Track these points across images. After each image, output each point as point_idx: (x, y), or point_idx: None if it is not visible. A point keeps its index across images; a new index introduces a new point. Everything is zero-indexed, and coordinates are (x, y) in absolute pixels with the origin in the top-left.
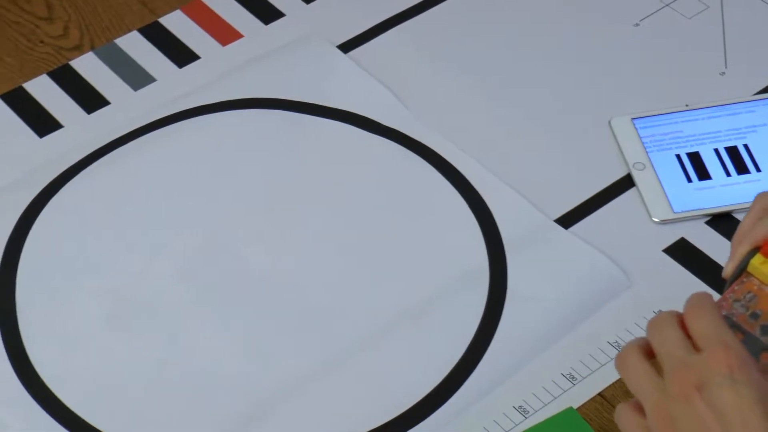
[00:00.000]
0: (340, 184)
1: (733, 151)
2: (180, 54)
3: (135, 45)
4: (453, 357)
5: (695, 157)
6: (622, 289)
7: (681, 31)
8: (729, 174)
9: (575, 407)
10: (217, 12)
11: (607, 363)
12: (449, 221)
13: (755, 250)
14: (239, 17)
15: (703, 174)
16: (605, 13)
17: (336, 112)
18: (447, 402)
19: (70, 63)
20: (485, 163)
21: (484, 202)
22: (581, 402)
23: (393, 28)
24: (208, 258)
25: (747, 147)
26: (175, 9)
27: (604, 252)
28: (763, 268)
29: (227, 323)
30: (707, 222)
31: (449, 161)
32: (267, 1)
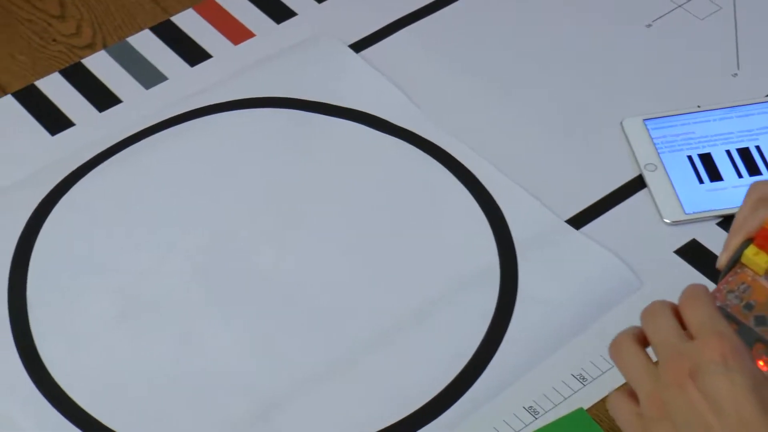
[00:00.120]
0: (350, 183)
1: (745, 153)
2: (192, 53)
3: (147, 43)
4: (463, 357)
5: (707, 159)
6: (632, 290)
7: (693, 32)
8: (741, 175)
9: (585, 408)
10: (229, 11)
11: None
12: (460, 221)
13: (749, 241)
14: (251, 16)
15: (715, 175)
16: (618, 15)
17: (347, 111)
18: (457, 402)
19: (82, 61)
20: (496, 164)
21: (495, 202)
22: (591, 403)
23: (404, 28)
24: (218, 257)
25: (759, 149)
26: (188, 8)
27: (615, 253)
28: (757, 259)
29: (237, 322)
30: (719, 223)
31: (460, 161)
32: (279, 1)
